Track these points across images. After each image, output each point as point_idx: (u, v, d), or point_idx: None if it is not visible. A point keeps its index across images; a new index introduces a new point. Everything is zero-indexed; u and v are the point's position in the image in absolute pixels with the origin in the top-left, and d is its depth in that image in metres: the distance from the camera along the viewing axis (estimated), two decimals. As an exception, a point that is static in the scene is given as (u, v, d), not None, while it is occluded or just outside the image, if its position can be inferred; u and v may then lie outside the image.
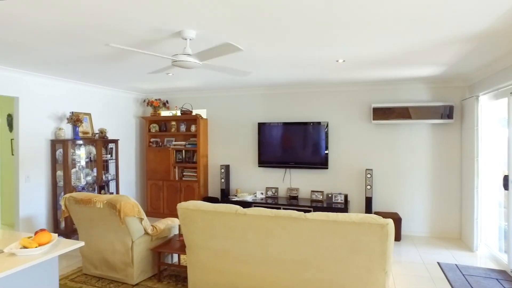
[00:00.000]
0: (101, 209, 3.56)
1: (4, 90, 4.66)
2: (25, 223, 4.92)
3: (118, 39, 3.22)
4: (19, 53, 3.79)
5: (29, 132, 4.96)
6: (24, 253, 2.00)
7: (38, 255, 2.01)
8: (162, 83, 5.82)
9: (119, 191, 6.29)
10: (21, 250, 2.00)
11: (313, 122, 5.93)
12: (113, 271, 3.78)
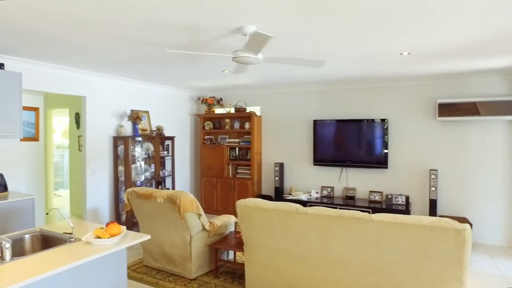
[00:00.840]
0: (161, 204, 3.70)
1: (74, 90, 5.03)
2: (91, 214, 5.28)
3: (178, 38, 3.32)
4: (87, 54, 4.05)
5: (94, 129, 5.32)
6: (98, 243, 2.13)
7: (110, 245, 2.13)
8: (217, 80, 5.94)
9: (175, 187, 6.54)
10: (96, 239, 2.14)
11: (371, 119, 5.71)
12: (171, 265, 3.93)
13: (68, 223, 2.72)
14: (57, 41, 3.51)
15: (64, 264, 1.86)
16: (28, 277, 1.70)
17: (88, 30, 3.16)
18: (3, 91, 3.89)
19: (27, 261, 1.92)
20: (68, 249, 2.10)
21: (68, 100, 6.79)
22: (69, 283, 1.99)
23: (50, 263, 1.88)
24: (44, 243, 2.43)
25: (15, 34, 3.30)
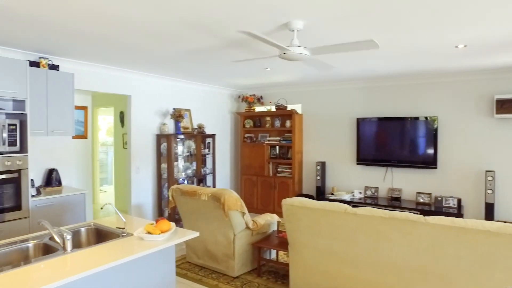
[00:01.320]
0: (205, 202, 3.75)
1: (120, 89, 5.22)
2: (136, 210, 5.46)
3: (223, 35, 3.33)
4: (135, 54, 4.18)
5: (139, 127, 5.49)
6: (150, 238, 2.19)
7: (161, 242, 2.18)
8: (258, 78, 5.93)
9: (215, 185, 6.62)
10: (147, 235, 2.19)
11: (419, 117, 5.47)
12: (214, 262, 3.97)
13: (119, 218, 2.82)
14: (108, 42, 3.64)
15: (119, 258, 1.92)
16: (87, 269, 1.77)
17: (138, 31, 3.25)
18: (58, 91, 4.11)
19: (85, 253, 2.00)
20: (121, 244, 2.16)
21: (113, 99, 7.07)
22: (121, 277, 2.06)
23: (106, 256, 1.95)
24: (98, 236, 2.53)
25: (69, 37, 3.46)
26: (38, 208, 3.76)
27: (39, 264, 1.83)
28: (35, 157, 4.33)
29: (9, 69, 3.55)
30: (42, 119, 3.97)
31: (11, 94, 3.56)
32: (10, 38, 3.58)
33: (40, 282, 1.61)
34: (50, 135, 4.04)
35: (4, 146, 3.54)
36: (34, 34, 3.43)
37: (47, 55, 4.25)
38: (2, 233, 3.47)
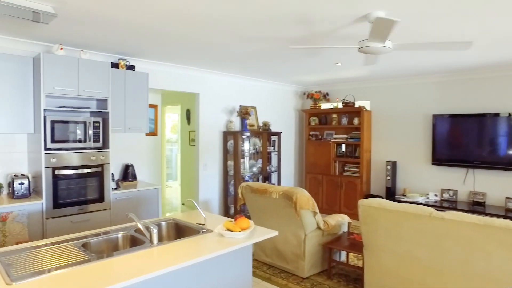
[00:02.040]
0: (276, 200, 3.74)
1: (189, 87, 5.40)
2: (203, 206, 5.63)
3: (297, 31, 3.28)
4: (205, 52, 4.28)
5: (206, 125, 5.65)
6: (230, 235, 2.21)
7: (241, 239, 2.20)
8: (325, 74, 5.80)
9: (280, 183, 6.61)
10: (228, 232, 2.22)
11: (507, 112, 4.96)
12: (283, 261, 3.95)
13: (196, 214, 2.90)
14: (180, 41, 3.77)
15: (204, 254, 1.96)
16: (172, 264, 1.82)
17: (211, 28, 3.31)
18: (134, 90, 4.35)
19: (170, 247, 2.08)
20: (203, 240, 2.21)
21: (180, 97, 7.35)
22: (200, 273, 2.10)
23: (192, 252, 2.00)
24: (177, 231, 2.63)
25: (147, 38, 3.63)
26: (118, 201, 4.02)
27: (131, 255, 1.93)
28: (113, 153, 4.63)
29: (94, 71, 3.82)
30: (120, 116, 4.22)
31: (96, 94, 3.83)
32: (94, 42, 3.86)
33: (134, 272, 1.69)
34: (127, 132, 4.30)
35: (90, 142, 3.82)
36: (115, 37, 3.65)
37: (125, 56, 4.52)
38: (88, 223, 3.76)
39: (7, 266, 1.72)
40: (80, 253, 1.94)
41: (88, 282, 1.58)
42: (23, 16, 2.90)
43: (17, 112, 3.58)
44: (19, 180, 3.53)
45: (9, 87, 3.53)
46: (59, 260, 1.83)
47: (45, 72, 3.49)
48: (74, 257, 1.88)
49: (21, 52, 3.83)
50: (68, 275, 1.66)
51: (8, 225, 3.27)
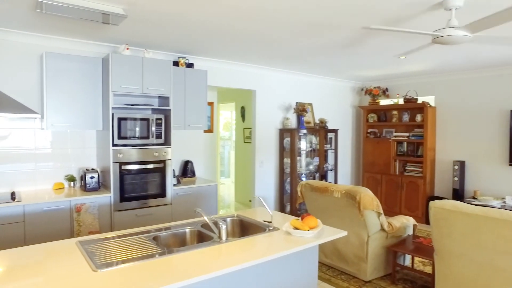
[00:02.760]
0: (337, 199, 3.64)
1: (245, 84, 5.44)
2: (259, 203, 5.65)
3: (366, 20, 3.16)
4: (263, 48, 4.28)
5: (262, 122, 5.66)
6: (298, 234, 2.18)
7: (310, 239, 2.15)
8: (385, 68, 5.56)
9: (337, 182, 6.46)
10: (296, 231, 2.19)
11: None
12: (344, 263, 3.84)
13: (260, 211, 2.90)
14: (240, 37, 3.79)
15: (272, 252, 1.95)
16: (243, 261, 1.82)
17: (273, 23, 3.29)
18: (193, 88, 4.46)
19: (237, 244, 2.08)
20: (269, 238, 2.20)
21: (234, 94, 7.44)
22: (265, 272, 2.08)
23: (258, 249, 2.00)
24: (242, 228, 2.64)
25: (207, 35, 3.70)
26: (179, 196, 4.15)
27: (201, 250, 1.96)
28: (173, 149, 4.79)
29: (157, 69, 3.97)
30: (180, 114, 4.35)
31: (159, 92, 3.97)
32: (157, 42, 4.00)
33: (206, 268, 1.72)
34: (187, 129, 4.42)
35: (152, 139, 3.98)
36: (176, 36, 3.76)
37: (184, 54, 4.64)
38: (151, 217, 3.92)
39: (90, 254, 1.83)
40: (153, 246, 2.01)
41: (164, 274, 1.62)
42: (93, 18, 3.07)
43: (87, 110, 3.82)
44: (90, 174, 3.75)
45: (81, 87, 3.77)
46: (136, 252, 1.91)
47: (113, 71, 3.68)
48: (148, 249, 1.95)
49: (91, 54, 4.08)
50: (145, 266, 1.72)
51: (82, 216, 3.50)
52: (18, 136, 3.79)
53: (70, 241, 2.07)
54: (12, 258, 1.83)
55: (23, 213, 3.26)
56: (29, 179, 3.86)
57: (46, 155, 3.94)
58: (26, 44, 3.78)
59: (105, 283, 1.53)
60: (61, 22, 3.35)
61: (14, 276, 1.60)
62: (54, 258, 1.81)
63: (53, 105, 3.62)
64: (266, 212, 2.86)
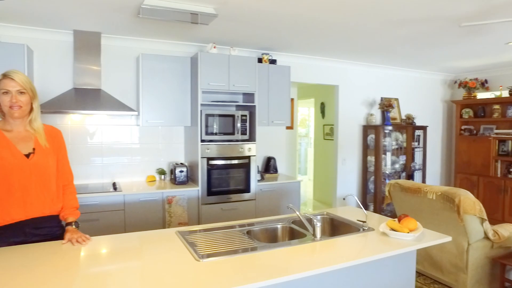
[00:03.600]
0: (432, 201, 3.40)
1: (328, 80, 5.34)
2: (341, 202, 5.52)
3: (462, 7, 2.89)
4: (349, 41, 4.15)
5: (345, 118, 5.50)
6: (397, 236, 2.07)
7: (409, 242, 2.03)
8: (485, 58, 5.04)
9: (425, 182, 6.05)
10: (394, 232, 2.08)
11: None
12: (437, 271, 3.58)
13: (352, 210, 2.83)
14: (326, 31, 3.72)
15: (370, 253, 1.87)
16: (338, 262, 1.77)
17: (361, 13, 3.17)
18: (276, 84, 4.49)
19: (332, 243, 2.04)
20: (364, 238, 2.12)
21: (313, 90, 7.34)
22: (357, 275, 2.00)
23: (355, 250, 1.94)
24: (332, 227, 2.59)
25: (289, 30, 3.69)
26: (262, 192, 4.22)
27: (296, 247, 1.96)
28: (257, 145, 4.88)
29: (242, 66, 4.07)
30: (264, 110, 4.41)
31: (244, 88, 4.07)
32: (242, 39, 4.10)
33: (303, 266, 1.71)
34: (270, 125, 4.47)
35: (238, 135, 4.09)
36: (261, 33, 3.82)
37: (267, 51, 4.69)
38: (236, 211, 4.04)
39: (190, 243, 1.93)
40: (248, 240, 2.05)
41: (262, 268, 1.65)
42: (181, 19, 3.23)
43: (177, 107, 4.05)
44: (180, 168, 3.99)
45: (171, 85, 4.01)
46: (233, 244, 1.97)
47: (202, 69, 3.86)
48: (244, 243, 2.00)
49: (180, 54, 4.32)
50: (244, 259, 1.76)
51: (173, 207, 3.74)
52: (117, 132, 4.16)
53: (170, 231, 2.21)
54: (122, 243, 2.02)
55: (123, 202, 3.57)
56: (126, 171, 4.22)
57: (140, 149, 4.27)
58: (125, 48, 4.13)
59: (208, 272, 1.60)
60: (155, 26, 3.60)
61: (125, 259, 1.76)
62: (159, 245, 1.95)
63: (147, 103, 3.91)
64: (357, 211, 2.77)
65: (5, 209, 1.86)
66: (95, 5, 3.02)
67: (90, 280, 1.53)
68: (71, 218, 2.09)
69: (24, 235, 1.94)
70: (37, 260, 1.71)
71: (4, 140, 1.89)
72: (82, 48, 3.80)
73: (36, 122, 1.98)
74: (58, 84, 3.82)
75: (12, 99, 1.85)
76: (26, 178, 1.90)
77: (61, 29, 3.76)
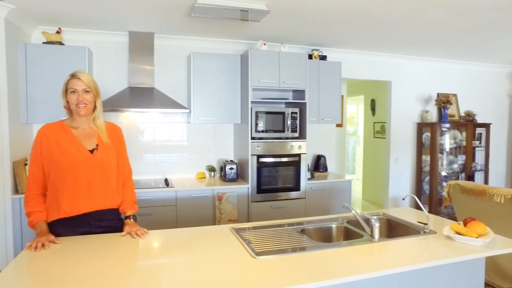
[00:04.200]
0: (499, 205, 3.16)
1: (380, 75, 5.15)
2: (392, 203, 5.32)
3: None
4: (402, 35, 3.96)
5: (398, 115, 5.28)
6: (464, 241, 1.94)
7: (478, 247, 1.89)
8: (561, 48, 4.62)
9: (488, 184, 5.67)
10: (460, 236, 1.95)
11: None
12: (506, 282, 3.32)
13: (409, 211, 2.71)
14: (380, 24, 3.58)
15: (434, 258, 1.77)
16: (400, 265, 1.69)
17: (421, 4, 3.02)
18: (327, 80, 4.40)
19: (391, 245, 1.96)
20: (426, 241, 2.01)
21: (363, 87, 7.13)
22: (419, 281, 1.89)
23: (417, 254, 1.84)
24: (389, 228, 2.49)
25: (342, 24, 3.59)
26: (312, 191, 4.16)
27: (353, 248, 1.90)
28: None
29: (293, 63, 4.03)
30: (314, 107, 4.34)
31: (295, 85, 4.04)
32: (291, 36, 4.07)
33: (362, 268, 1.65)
34: (320, 122, 4.39)
35: (287, 132, 4.06)
36: (312, 28, 3.76)
37: (317, 47, 4.61)
38: (285, 210, 4.02)
39: (246, 240, 1.94)
40: (303, 239, 2.02)
41: (319, 268, 1.61)
42: (232, 16, 3.24)
43: (227, 105, 4.10)
44: (230, 165, 4.03)
45: (221, 83, 4.06)
46: (288, 243, 1.95)
47: (252, 67, 3.87)
48: (299, 242, 1.97)
49: (230, 51, 4.36)
50: (300, 258, 1.73)
51: (223, 204, 3.79)
52: (168, 130, 4.29)
53: (224, 227, 2.23)
54: (178, 237, 2.07)
55: (175, 198, 3.68)
56: (177, 168, 4.34)
57: (190, 146, 4.37)
58: (176, 47, 4.24)
59: (265, 270, 1.59)
60: (206, 24, 3.66)
61: (183, 253, 1.80)
62: (214, 241, 1.98)
63: (198, 100, 3.99)
64: (415, 213, 2.64)
65: (73, 201, 1.97)
66: (150, 6, 3.12)
67: (150, 271, 1.57)
68: (130, 211, 2.18)
69: (89, 226, 2.05)
70: (99, 250, 1.80)
71: (71, 137, 2.01)
72: (137, 49, 3.95)
73: (99, 119, 2.09)
74: (114, 83, 4.01)
75: (78, 97, 1.96)
76: (91, 173, 2.00)
77: (118, 31, 3.94)
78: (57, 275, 1.51)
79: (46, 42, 3.62)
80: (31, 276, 1.56)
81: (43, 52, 3.50)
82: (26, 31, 3.63)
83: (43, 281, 1.47)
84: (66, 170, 1.96)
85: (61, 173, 1.96)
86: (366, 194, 7.11)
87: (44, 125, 2.04)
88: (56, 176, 1.97)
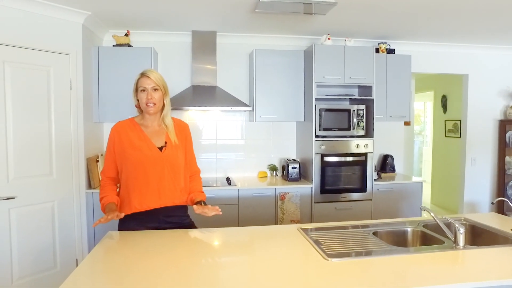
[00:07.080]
0: None
1: (455, 68, 4.80)
2: (468, 208, 4.93)
3: None
4: (480, 21, 3.64)
5: (475, 112, 4.89)
6: None
7: None
8: None
9: None
10: None
11: None
12: None
13: (496, 217, 2.48)
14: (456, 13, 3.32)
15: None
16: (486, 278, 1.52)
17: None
18: (395, 75, 4.19)
19: (479, 253, 1.78)
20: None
21: (433, 82, 6.70)
22: None
23: (506, 266, 1.66)
24: (474, 235, 2.29)
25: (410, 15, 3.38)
26: (379, 192, 3.98)
27: (433, 254, 1.76)
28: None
29: (359, 57, 3.88)
30: (381, 104, 4.15)
31: (361, 81, 3.89)
32: (357, 29, 3.94)
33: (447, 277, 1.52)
34: (388, 120, 4.19)
35: (353, 130, 3.92)
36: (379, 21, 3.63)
37: (385, 40, 4.41)
38: (350, 211, 3.88)
39: (315, 241, 1.88)
40: (376, 242, 1.92)
41: (397, 275, 1.51)
42: (297, 10, 3.18)
43: (290, 102, 4.05)
44: (292, 164, 3.98)
45: (284, 80, 4.02)
46: (360, 245, 1.87)
47: (316, 62, 3.79)
48: (372, 244, 1.88)
49: (292, 48, 4.31)
50: (375, 262, 1.64)
51: (286, 204, 3.75)
52: (230, 128, 4.35)
53: (291, 227, 2.19)
54: (245, 236, 2.06)
55: (237, 197, 3.71)
56: (238, 166, 4.38)
57: (252, 145, 4.39)
58: (238, 44, 4.28)
59: (340, 273, 1.52)
60: (268, 20, 3.65)
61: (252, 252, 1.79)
62: (283, 241, 1.94)
63: (260, 98, 3.99)
64: (503, 219, 2.40)
65: (144, 197, 2.05)
66: (213, 4, 3.18)
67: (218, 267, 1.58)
68: (199, 198, 2.20)
69: (158, 221, 2.12)
70: (166, 246, 1.84)
71: (142, 134, 2.09)
72: (199, 48, 4.04)
73: (168, 117, 2.15)
74: (178, 82, 4.14)
75: (147, 95, 2.03)
76: (160, 170, 2.07)
77: (181, 30, 4.06)
78: (126, 268, 1.58)
79: (116, 45, 3.84)
80: (105, 266, 1.64)
81: (113, 54, 3.71)
82: (98, 35, 3.88)
83: (114, 272, 1.55)
84: (137, 167, 2.04)
85: (132, 169, 2.05)
86: (435, 198, 6.68)
87: (117, 122, 2.14)
88: (128, 172, 2.06)
